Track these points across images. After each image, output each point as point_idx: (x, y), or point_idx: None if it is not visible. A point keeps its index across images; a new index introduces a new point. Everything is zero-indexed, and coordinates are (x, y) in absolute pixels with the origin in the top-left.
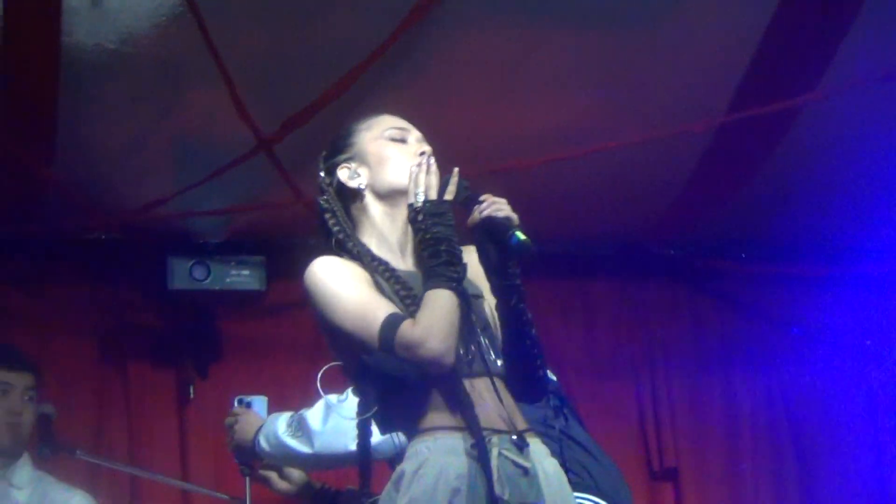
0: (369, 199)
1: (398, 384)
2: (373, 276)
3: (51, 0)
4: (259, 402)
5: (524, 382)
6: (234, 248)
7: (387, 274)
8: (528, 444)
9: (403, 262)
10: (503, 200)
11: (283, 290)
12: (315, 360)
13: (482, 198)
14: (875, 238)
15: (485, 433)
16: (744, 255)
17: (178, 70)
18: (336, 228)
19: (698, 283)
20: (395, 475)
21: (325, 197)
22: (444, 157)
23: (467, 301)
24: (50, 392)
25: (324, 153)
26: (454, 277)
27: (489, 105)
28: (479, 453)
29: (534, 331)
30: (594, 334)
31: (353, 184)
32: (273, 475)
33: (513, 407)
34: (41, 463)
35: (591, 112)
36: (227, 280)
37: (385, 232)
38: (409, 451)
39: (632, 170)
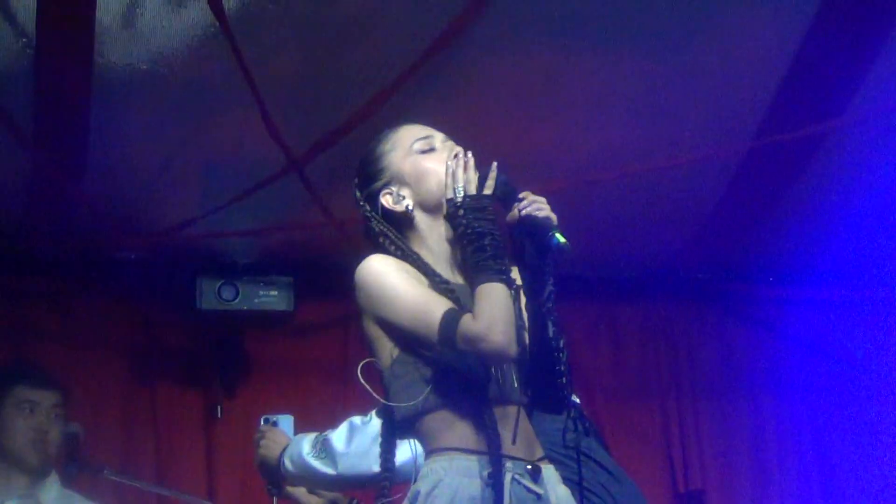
0: (418, 216)
1: (457, 377)
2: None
3: (84, 20)
4: (285, 422)
5: (547, 388)
6: (262, 268)
7: (443, 286)
8: (541, 472)
9: (453, 277)
10: (543, 199)
11: (311, 311)
12: (343, 380)
13: (522, 195)
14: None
15: (503, 459)
16: (772, 279)
17: (210, 90)
18: (393, 248)
19: (727, 306)
20: (410, 494)
21: (373, 224)
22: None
23: (516, 293)
24: (78, 411)
25: (356, 182)
26: (503, 270)
27: (519, 128)
28: (495, 478)
29: (562, 337)
30: (622, 357)
31: (399, 208)
32: (301, 491)
33: (532, 435)
34: (69, 482)
35: (621, 136)
36: (256, 301)
37: (435, 247)
38: (425, 470)
39: (662, 193)
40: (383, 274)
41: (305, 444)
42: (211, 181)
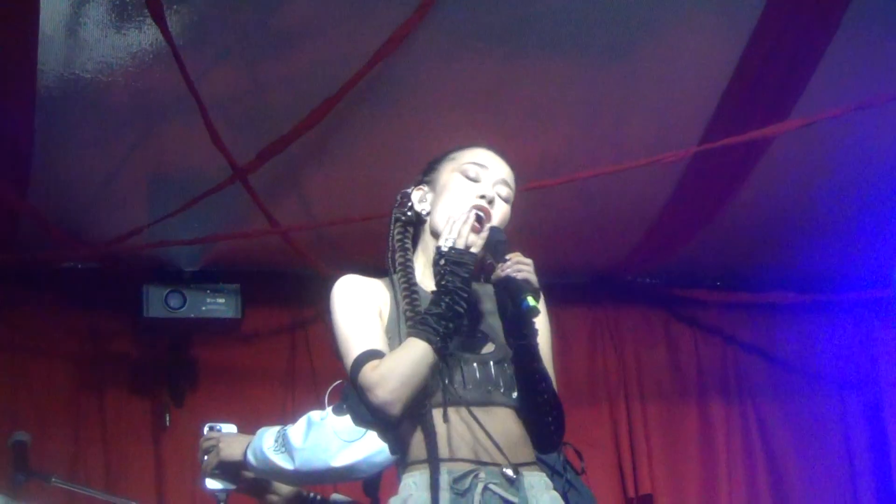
0: (430, 224)
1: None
2: (395, 295)
3: (27, 29)
4: (228, 430)
5: (536, 435)
6: (209, 276)
7: (406, 293)
8: (519, 478)
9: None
10: (528, 262)
11: (258, 318)
12: (289, 387)
13: (509, 256)
14: (849, 266)
15: (473, 466)
16: (718, 284)
17: (154, 100)
18: (398, 237)
19: (674, 311)
20: None
21: (402, 208)
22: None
23: (445, 357)
24: (26, 419)
25: (424, 167)
26: (439, 332)
27: (463, 135)
28: (433, 489)
29: (547, 386)
30: (570, 362)
31: (418, 207)
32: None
33: (516, 438)
34: (16, 491)
35: (566, 142)
36: (203, 308)
37: (431, 257)
38: (401, 485)
39: (606, 199)
40: (338, 300)
41: (268, 438)
42: (157, 190)
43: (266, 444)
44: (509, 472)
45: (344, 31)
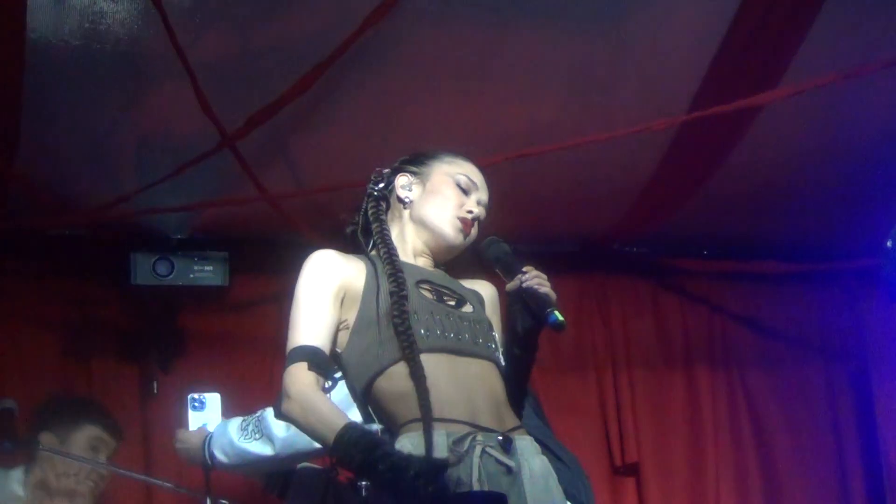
0: (406, 212)
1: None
2: (375, 268)
3: None
4: (212, 400)
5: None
6: (197, 244)
7: (387, 261)
8: (512, 443)
9: (412, 260)
10: (544, 276)
11: (245, 286)
12: (276, 355)
13: (525, 268)
14: (837, 235)
15: (472, 430)
16: (706, 253)
17: (143, 67)
18: (372, 212)
19: (661, 280)
20: None
21: (377, 186)
22: (407, 154)
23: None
24: (13, 387)
25: (404, 157)
26: (343, 462)
27: (452, 104)
28: (427, 446)
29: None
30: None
31: (401, 193)
32: None
33: (504, 402)
34: (4, 457)
35: (555, 110)
36: (191, 276)
37: (406, 236)
38: (396, 446)
39: (595, 168)
40: (303, 277)
41: (233, 431)
42: (145, 157)
43: (235, 438)
44: (501, 438)
45: None
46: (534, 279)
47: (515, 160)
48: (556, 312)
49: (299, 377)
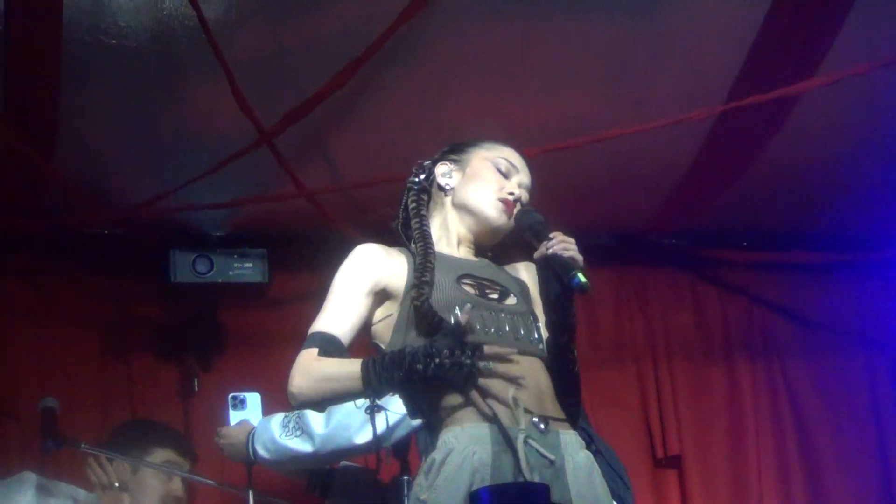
0: (447, 199)
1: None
2: (413, 259)
3: None
4: (252, 399)
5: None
6: (236, 241)
7: (421, 254)
8: (558, 437)
9: (455, 251)
10: (571, 240)
11: (285, 283)
12: None
13: (552, 234)
14: (879, 225)
15: (516, 423)
16: (745, 244)
17: (180, 64)
18: (413, 205)
19: (700, 272)
20: (425, 464)
21: (418, 178)
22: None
23: (373, 409)
24: (54, 386)
25: (444, 148)
26: (374, 387)
27: (489, 97)
28: (505, 440)
29: (577, 368)
30: (597, 324)
31: (441, 181)
32: None
33: (549, 392)
34: (47, 456)
35: (591, 103)
36: (230, 273)
37: (450, 226)
38: (439, 441)
39: (633, 159)
40: (341, 269)
41: (275, 427)
42: (183, 154)
43: (277, 434)
44: (543, 428)
45: None
46: (559, 244)
47: (553, 153)
48: (580, 275)
49: (305, 356)
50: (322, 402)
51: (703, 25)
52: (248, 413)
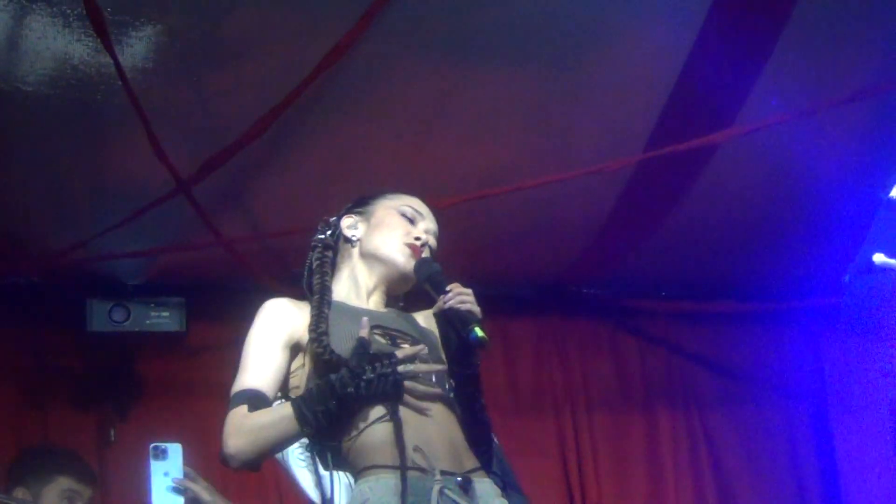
0: (355, 251)
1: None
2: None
3: None
4: (174, 450)
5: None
6: (153, 289)
7: (315, 310)
8: (471, 484)
9: (364, 302)
10: (469, 292)
11: (203, 331)
12: None
13: (449, 287)
14: (794, 275)
15: (430, 472)
16: (664, 293)
17: (97, 113)
18: (316, 262)
19: (619, 322)
20: None
21: (324, 234)
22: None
23: (312, 443)
24: None
25: (350, 202)
26: (310, 422)
27: (409, 146)
28: (402, 492)
29: (486, 416)
30: (516, 372)
31: (347, 233)
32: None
33: (462, 444)
34: None
35: (512, 151)
36: (147, 322)
37: (358, 278)
38: (355, 492)
39: (552, 209)
40: (254, 325)
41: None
42: (100, 203)
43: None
44: (460, 479)
45: (289, 42)
46: (456, 297)
47: (472, 202)
48: (477, 329)
49: (234, 416)
50: (261, 455)
51: (622, 76)
52: (168, 464)
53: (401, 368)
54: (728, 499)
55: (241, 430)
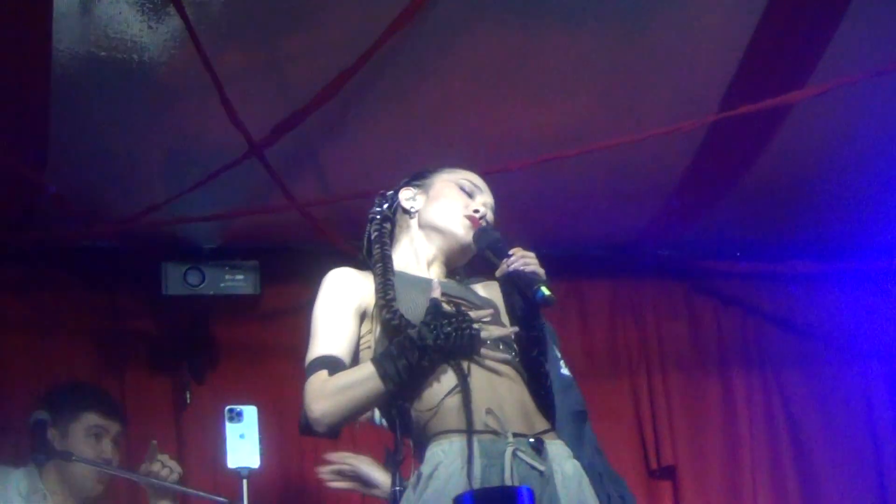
0: (413, 222)
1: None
2: (376, 281)
3: (41, 6)
4: (249, 412)
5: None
6: (228, 253)
7: (381, 278)
8: (543, 446)
9: (426, 272)
10: (532, 255)
11: (277, 295)
12: None
13: (512, 251)
14: (870, 234)
15: (503, 435)
16: (738, 254)
17: (170, 76)
18: (375, 234)
19: (693, 283)
20: (413, 478)
21: (381, 207)
22: (438, 160)
23: (392, 397)
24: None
25: (406, 177)
26: (392, 377)
27: (482, 108)
28: (469, 455)
29: (549, 381)
30: (590, 335)
31: (406, 204)
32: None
33: (532, 407)
34: (39, 469)
35: (584, 114)
36: (222, 285)
37: (418, 248)
38: (427, 454)
39: (625, 170)
40: (321, 294)
41: None
42: (174, 167)
43: None
44: (532, 441)
45: (361, 4)
46: (519, 260)
47: (545, 164)
48: (544, 288)
49: (314, 381)
50: (345, 418)
51: (695, 36)
52: (244, 426)
53: (476, 327)
54: (804, 460)
55: (325, 392)
